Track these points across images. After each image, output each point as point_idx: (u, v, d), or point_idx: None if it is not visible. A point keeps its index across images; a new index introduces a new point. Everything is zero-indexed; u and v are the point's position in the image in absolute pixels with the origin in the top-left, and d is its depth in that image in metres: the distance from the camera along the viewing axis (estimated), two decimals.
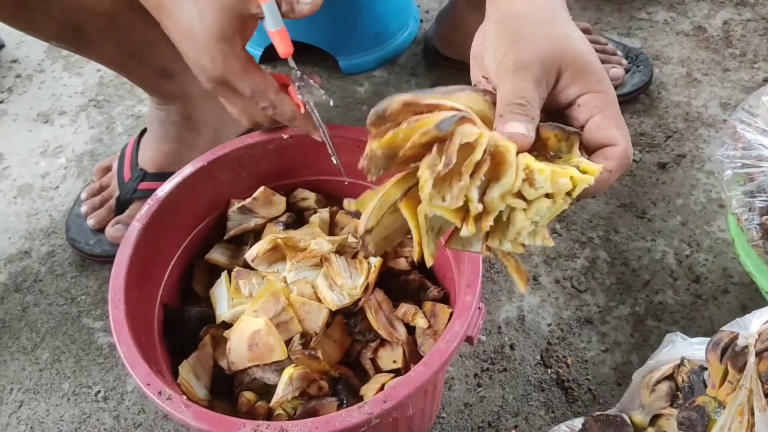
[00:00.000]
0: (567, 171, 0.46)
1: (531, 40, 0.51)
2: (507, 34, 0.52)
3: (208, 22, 0.57)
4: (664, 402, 0.69)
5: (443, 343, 0.60)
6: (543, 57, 0.50)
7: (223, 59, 0.59)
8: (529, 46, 0.51)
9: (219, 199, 0.79)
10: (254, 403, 0.67)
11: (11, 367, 0.92)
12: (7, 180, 1.14)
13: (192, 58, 0.60)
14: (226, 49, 0.58)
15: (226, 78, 0.60)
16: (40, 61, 1.33)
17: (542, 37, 0.51)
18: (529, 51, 0.50)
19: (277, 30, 0.59)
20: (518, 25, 0.53)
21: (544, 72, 0.50)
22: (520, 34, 0.52)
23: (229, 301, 0.73)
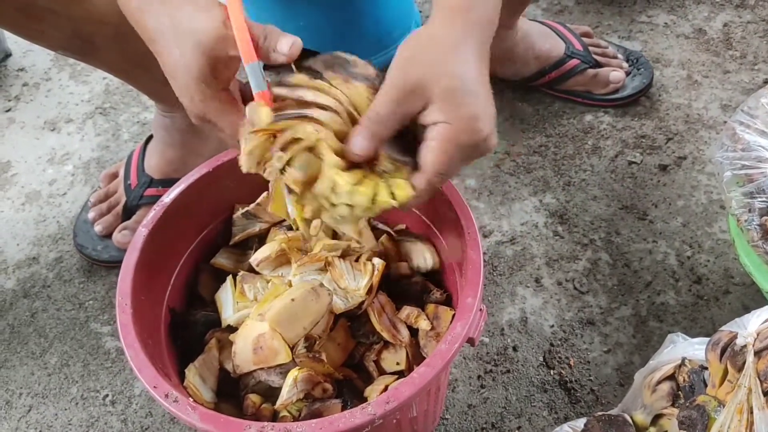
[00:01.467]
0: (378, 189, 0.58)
1: (418, 64, 0.57)
2: (407, 50, 0.58)
3: (187, 64, 0.57)
4: (665, 402, 0.70)
5: (445, 344, 0.61)
6: (418, 82, 0.56)
7: (201, 100, 0.59)
8: (413, 68, 0.57)
9: (224, 205, 0.80)
10: (259, 405, 0.68)
11: (20, 372, 0.94)
12: (15, 187, 1.15)
13: (178, 96, 0.61)
14: (205, 90, 0.59)
15: (206, 117, 0.60)
16: (47, 69, 1.35)
17: (428, 65, 0.57)
18: (409, 73, 0.57)
19: (257, 93, 0.59)
20: (420, 46, 0.58)
21: (412, 95, 0.56)
22: (413, 54, 0.58)
23: (234, 305, 0.74)
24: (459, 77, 0.56)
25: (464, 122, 0.56)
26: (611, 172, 1.11)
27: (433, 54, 0.57)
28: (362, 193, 0.57)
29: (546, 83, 1.20)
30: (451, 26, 0.59)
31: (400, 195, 0.58)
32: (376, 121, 0.57)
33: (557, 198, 1.08)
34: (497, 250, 1.02)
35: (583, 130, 1.17)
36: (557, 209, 1.06)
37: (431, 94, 0.56)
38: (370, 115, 0.58)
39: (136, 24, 0.61)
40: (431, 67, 0.56)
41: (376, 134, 0.58)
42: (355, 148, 0.58)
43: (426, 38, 0.59)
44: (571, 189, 1.09)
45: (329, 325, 0.70)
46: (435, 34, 0.59)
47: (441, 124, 0.57)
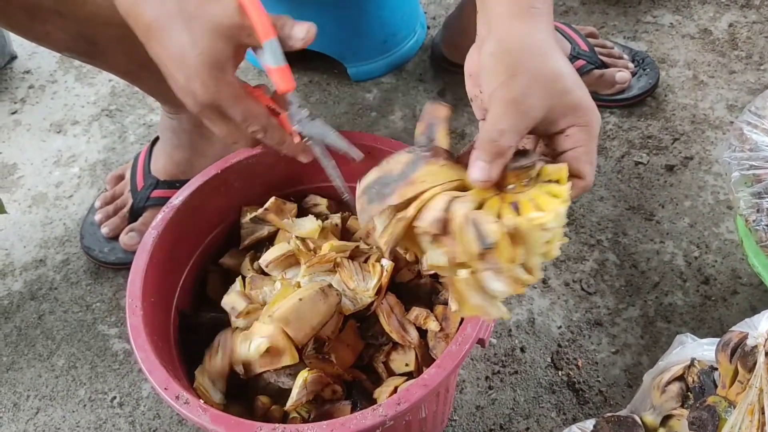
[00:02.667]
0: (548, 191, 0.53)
1: (523, 77, 0.54)
2: (503, 67, 0.56)
3: (201, 49, 0.57)
4: (674, 403, 0.70)
5: (455, 345, 0.61)
6: (533, 94, 0.54)
7: (215, 85, 0.58)
8: (521, 82, 0.54)
9: (232, 206, 0.81)
10: (269, 407, 0.68)
11: (28, 374, 0.94)
12: (21, 189, 1.15)
13: (181, 83, 0.60)
14: (219, 75, 0.58)
15: (216, 103, 0.59)
16: (53, 71, 1.35)
17: (534, 75, 0.55)
18: (520, 87, 0.54)
19: (277, 67, 0.59)
20: (513, 60, 0.56)
21: (532, 107, 0.54)
22: (514, 70, 0.55)
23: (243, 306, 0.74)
24: (564, 76, 0.55)
25: (590, 115, 0.56)
26: (618, 172, 1.11)
27: (532, 62, 0.55)
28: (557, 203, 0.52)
29: None
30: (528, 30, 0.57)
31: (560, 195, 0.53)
32: (501, 139, 0.53)
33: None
34: None
35: None
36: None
37: (549, 101, 0.55)
38: (490, 134, 0.54)
39: (131, 16, 0.60)
40: (537, 75, 0.54)
41: (502, 152, 0.54)
42: (480, 176, 0.54)
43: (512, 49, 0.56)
44: None
45: (338, 326, 0.70)
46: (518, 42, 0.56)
47: (576, 128, 0.56)
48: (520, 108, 0.54)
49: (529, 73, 0.54)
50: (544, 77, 0.55)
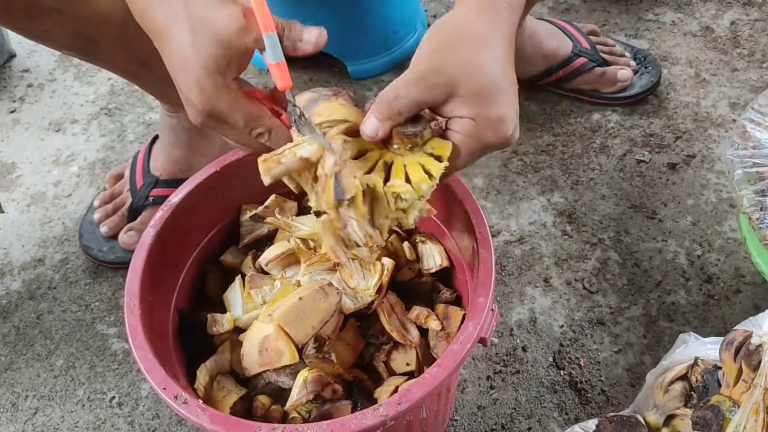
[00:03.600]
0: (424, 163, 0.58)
1: (443, 56, 0.57)
2: (433, 41, 0.58)
3: (202, 54, 0.56)
4: (678, 402, 0.69)
5: (457, 344, 0.60)
6: (446, 73, 0.56)
7: (214, 92, 0.57)
8: (442, 59, 0.56)
9: (231, 204, 0.80)
10: (269, 406, 0.67)
11: (26, 374, 0.93)
12: (20, 188, 1.15)
13: (183, 90, 0.59)
14: (218, 81, 0.57)
15: (216, 111, 0.58)
16: (52, 70, 1.34)
17: (456, 59, 0.56)
18: (434, 63, 0.56)
19: (276, 63, 0.59)
20: (445, 38, 0.58)
21: (436, 86, 0.56)
22: (439, 46, 0.58)
23: (243, 306, 0.73)
24: (489, 75, 0.56)
25: (491, 122, 0.57)
26: (620, 170, 1.10)
27: (463, 48, 0.57)
28: (422, 179, 0.57)
29: (553, 82, 1.19)
30: (479, 18, 0.58)
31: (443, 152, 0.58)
32: (394, 102, 0.57)
33: (565, 197, 1.07)
34: (505, 249, 1.01)
35: (591, 128, 1.16)
36: (565, 208, 1.05)
37: (458, 88, 0.56)
38: (387, 95, 0.57)
39: (142, 17, 0.60)
40: (461, 61, 0.56)
41: (393, 115, 0.57)
42: (366, 129, 0.58)
43: (454, 29, 0.58)
44: (580, 188, 1.08)
45: (339, 325, 0.70)
46: (464, 26, 0.58)
47: (467, 120, 0.57)
48: (425, 82, 0.56)
49: (453, 55, 0.56)
50: (466, 65, 0.56)
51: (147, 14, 0.59)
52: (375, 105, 0.58)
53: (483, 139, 0.58)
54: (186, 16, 0.56)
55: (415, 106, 0.57)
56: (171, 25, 0.57)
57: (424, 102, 0.57)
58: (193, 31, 0.56)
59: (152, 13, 0.58)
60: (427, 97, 0.57)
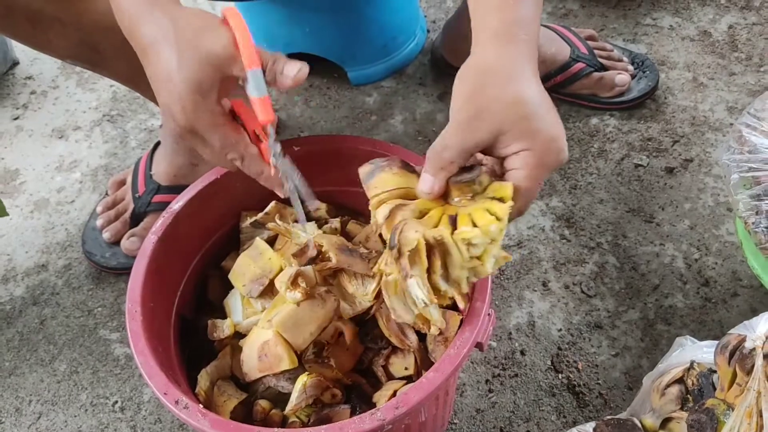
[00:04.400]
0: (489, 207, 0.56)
1: (481, 98, 0.57)
2: (467, 86, 0.58)
3: (186, 74, 0.57)
4: (674, 405, 0.70)
5: (453, 349, 0.61)
6: (486, 112, 0.56)
7: (193, 111, 0.58)
8: (476, 103, 0.57)
9: (232, 211, 0.81)
10: (269, 411, 0.68)
11: (29, 379, 0.94)
12: (23, 195, 1.16)
13: (164, 104, 0.60)
14: (200, 101, 0.58)
15: (195, 129, 0.60)
16: (54, 77, 1.36)
17: (492, 97, 0.57)
18: (474, 108, 0.57)
19: (259, 98, 0.60)
20: (477, 81, 0.58)
21: (480, 128, 0.56)
22: (474, 90, 0.58)
23: (243, 311, 0.74)
24: (526, 102, 0.56)
25: (546, 145, 0.57)
26: (617, 175, 1.11)
27: (494, 86, 0.57)
28: (487, 221, 0.56)
29: (551, 87, 1.20)
30: (503, 54, 0.59)
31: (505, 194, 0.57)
32: (443, 153, 0.57)
33: (564, 201, 1.08)
34: None
35: (589, 133, 1.17)
36: (564, 213, 1.06)
37: (503, 126, 0.56)
38: (435, 148, 0.57)
39: (130, 32, 0.61)
40: (496, 99, 0.56)
41: (445, 165, 0.57)
42: (424, 186, 0.58)
43: (480, 72, 0.58)
44: (578, 192, 1.09)
45: (337, 330, 0.71)
46: (490, 64, 0.58)
47: (524, 152, 0.57)
48: (469, 127, 0.56)
49: (488, 95, 0.57)
50: (502, 101, 0.56)
51: (135, 30, 0.60)
52: (426, 162, 0.58)
53: (544, 164, 0.57)
54: (175, 37, 0.58)
55: (464, 153, 0.57)
56: (159, 42, 0.58)
57: (473, 147, 0.57)
58: (181, 51, 0.57)
59: (141, 30, 0.60)
60: (475, 141, 0.57)
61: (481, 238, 0.55)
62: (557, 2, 1.40)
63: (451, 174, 0.58)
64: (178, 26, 0.58)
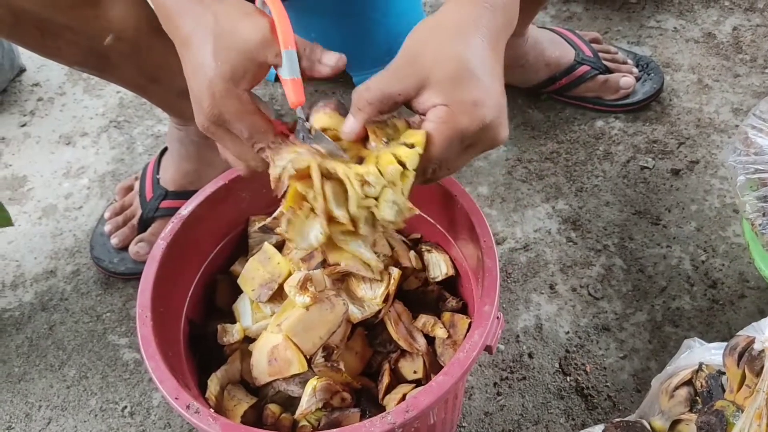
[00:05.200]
0: (396, 151, 0.56)
1: (420, 47, 0.57)
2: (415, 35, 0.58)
3: (219, 60, 0.57)
4: (683, 407, 0.70)
5: (463, 352, 0.61)
6: (417, 61, 0.56)
7: (223, 98, 0.58)
8: (414, 50, 0.57)
9: (240, 216, 0.81)
10: (279, 415, 0.68)
11: (39, 385, 0.94)
12: (31, 201, 1.16)
13: (194, 92, 0.60)
14: (231, 88, 0.58)
15: (222, 117, 0.59)
16: (61, 84, 1.36)
17: (431, 49, 0.56)
18: (410, 53, 0.57)
19: (291, 78, 0.60)
20: (427, 32, 0.58)
21: (406, 76, 0.56)
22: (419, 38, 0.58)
23: (252, 316, 0.74)
24: (461, 60, 0.55)
25: (464, 106, 0.55)
26: (623, 177, 1.11)
27: (438, 38, 0.57)
28: (388, 162, 0.56)
29: (556, 90, 1.20)
30: (458, 11, 0.58)
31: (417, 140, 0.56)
32: (365, 93, 0.56)
33: (570, 204, 1.08)
34: (511, 257, 1.02)
35: (595, 135, 1.17)
36: (570, 215, 1.06)
37: (430, 77, 0.55)
38: (359, 88, 0.57)
39: (168, 22, 0.61)
40: (433, 50, 0.56)
41: (363, 106, 0.57)
42: (347, 128, 0.58)
43: (432, 23, 0.58)
44: (584, 195, 1.09)
45: (346, 334, 0.71)
46: (443, 19, 0.58)
47: (439, 107, 0.55)
48: (396, 73, 0.56)
49: (427, 47, 0.56)
50: (438, 55, 0.55)
51: (173, 20, 0.60)
52: (353, 103, 0.58)
53: (457, 124, 0.55)
54: (213, 25, 0.58)
55: (385, 97, 0.56)
56: (197, 32, 0.58)
57: (395, 92, 0.56)
58: (217, 38, 0.57)
59: (178, 23, 0.60)
60: (398, 87, 0.56)
61: (375, 176, 0.56)
62: (561, 5, 1.40)
63: (369, 116, 0.57)
64: (217, 17, 0.58)
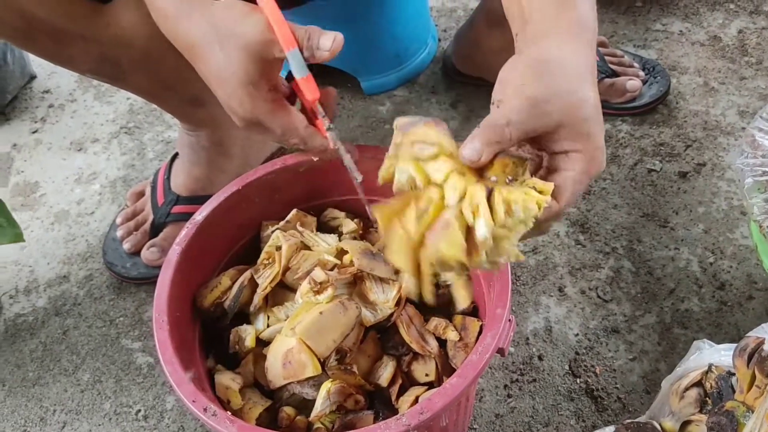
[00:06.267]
0: (526, 192, 0.52)
1: (551, 84, 0.54)
2: (534, 70, 0.55)
3: (234, 67, 0.59)
4: (693, 408, 0.70)
5: (476, 355, 0.62)
6: (554, 103, 0.54)
7: (251, 102, 0.60)
8: (547, 87, 0.54)
9: (253, 221, 0.82)
10: (294, 417, 0.69)
11: (53, 389, 0.95)
12: (43, 207, 1.18)
13: (223, 101, 0.62)
14: (253, 92, 0.59)
15: (255, 120, 0.61)
16: (72, 90, 1.38)
17: (562, 90, 0.54)
18: (545, 91, 0.54)
19: (302, 78, 0.61)
20: (547, 68, 0.55)
21: (548, 114, 0.54)
22: (543, 75, 0.55)
23: (265, 320, 0.75)
24: (591, 106, 0.55)
25: (594, 153, 0.55)
26: (631, 180, 1.11)
27: (568, 80, 0.55)
28: (529, 200, 0.52)
29: None
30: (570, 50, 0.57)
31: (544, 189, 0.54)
32: (506, 127, 0.53)
33: (578, 207, 1.08)
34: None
35: None
36: (578, 218, 1.07)
37: (566, 118, 0.54)
38: (496, 119, 0.54)
39: (173, 35, 0.62)
40: (568, 93, 0.54)
41: (503, 140, 0.54)
42: (466, 153, 0.54)
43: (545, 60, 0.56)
44: (592, 198, 1.10)
45: (359, 337, 0.72)
46: (555, 56, 0.56)
47: (575, 154, 0.55)
48: (537, 108, 0.54)
49: (558, 86, 0.54)
50: (570, 97, 0.54)
51: (177, 33, 0.61)
52: (480, 129, 0.54)
53: (589, 172, 0.55)
54: (215, 32, 0.59)
55: (524, 134, 0.54)
56: (202, 42, 0.60)
57: (533, 129, 0.54)
58: (223, 46, 0.59)
59: (181, 31, 0.61)
60: (540, 124, 0.54)
61: (521, 208, 0.51)
62: None
63: (502, 150, 0.54)
64: (216, 23, 0.59)
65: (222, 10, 0.60)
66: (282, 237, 0.77)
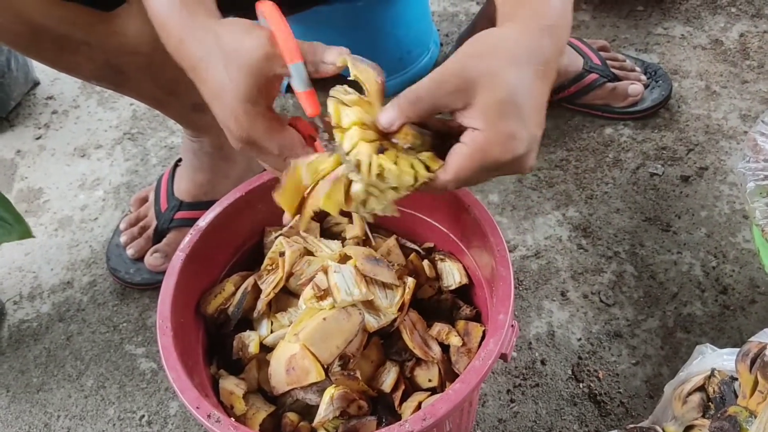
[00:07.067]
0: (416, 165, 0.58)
1: (478, 63, 0.56)
2: (472, 45, 0.58)
3: (234, 84, 0.58)
4: (696, 413, 0.70)
5: (479, 360, 0.62)
6: (470, 80, 0.55)
7: (248, 120, 0.59)
8: (472, 64, 0.56)
9: (257, 227, 0.82)
10: (297, 423, 0.69)
11: (57, 395, 0.96)
12: (47, 213, 1.18)
13: (220, 119, 0.61)
14: (251, 110, 0.59)
15: (252, 138, 0.61)
16: (75, 96, 1.38)
17: (484, 67, 0.56)
18: (467, 68, 0.56)
19: (304, 91, 0.61)
20: (484, 45, 0.58)
21: (459, 90, 0.56)
22: (475, 52, 0.57)
23: (268, 326, 0.75)
24: (511, 90, 0.55)
25: (501, 136, 0.55)
26: (633, 184, 1.12)
27: (497, 59, 0.56)
28: (407, 172, 0.57)
29: (565, 98, 1.21)
30: (523, 34, 0.58)
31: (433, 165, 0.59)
32: (412, 100, 0.56)
33: (580, 211, 1.09)
34: (522, 264, 1.03)
35: (604, 143, 1.18)
36: (580, 222, 1.07)
37: (477, 97, 0.55)
38: (407, 93, 0.57)
39: (177, 52, 0.62)
40: (488, 71, 0.55)
41: (407, 113, 0.57)
42: (382, 119, 0.58)
43: (496, 40, 0.58)
44: (594, 202, 1.10)
45: (363, 343, 0.72)
46: (506, 38, 0.57)
47: (476, 132, 0.56)
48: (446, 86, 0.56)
49: (480, 63, 0.56)
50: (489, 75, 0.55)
51: (182, 50, 0.61)
52: (399, 100, 0.57)
53: (489, 153, 0.56)
54: (219, 49, 0.59)
55: (433, 111, 0.57)
56: (205, 58, 0.59)
57: (443, 106, 0.57)
58: (225, 63, 0.58)
59: (185, 49, 0.61)
60: (447, 101, 0.56)
61: (394, 177, 0.57)
62: None
63: (412, 121, 0.58)
64: (219, 40, 0.59)
65: (227, 26, 0.60)
66: (285, 243, 0.77)
